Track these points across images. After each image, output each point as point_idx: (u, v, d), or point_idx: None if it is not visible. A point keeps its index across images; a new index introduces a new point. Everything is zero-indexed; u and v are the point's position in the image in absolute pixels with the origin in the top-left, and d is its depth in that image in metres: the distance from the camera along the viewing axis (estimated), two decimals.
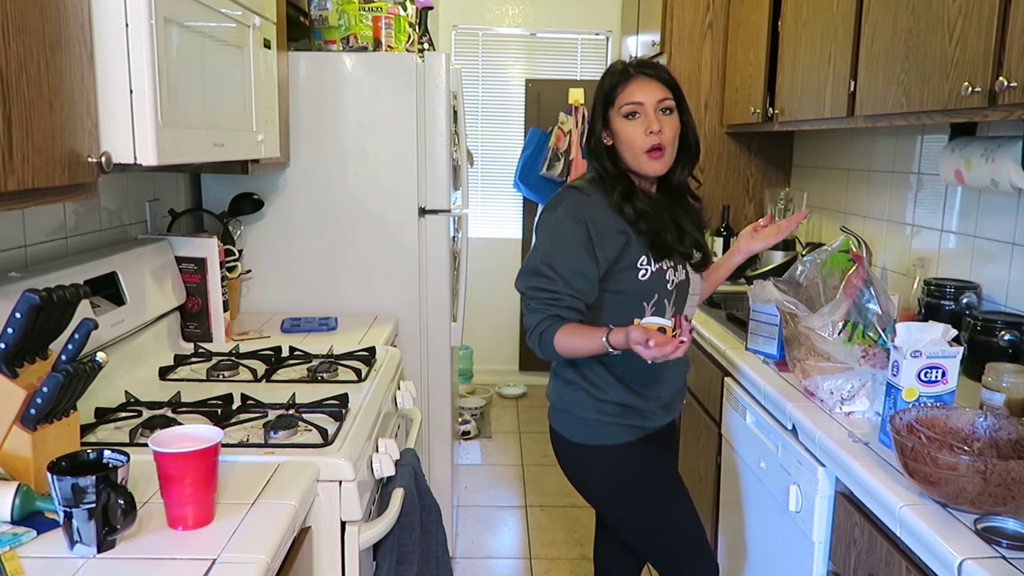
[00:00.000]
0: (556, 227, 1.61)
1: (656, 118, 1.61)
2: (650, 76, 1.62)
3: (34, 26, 1.09)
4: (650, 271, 1.64)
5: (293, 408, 1.59)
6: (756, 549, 1.92)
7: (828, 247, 1.80)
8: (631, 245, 1.62)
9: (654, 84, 1.62)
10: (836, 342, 1.62)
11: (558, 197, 1.66)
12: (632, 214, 1.62)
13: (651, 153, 1.61)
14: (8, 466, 1.15)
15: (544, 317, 1.58)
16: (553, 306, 1.58)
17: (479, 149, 4.65)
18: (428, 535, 1.71)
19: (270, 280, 2.55)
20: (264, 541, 1.10)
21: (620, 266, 1.62)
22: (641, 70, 1.63)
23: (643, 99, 1.61)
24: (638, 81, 1.62)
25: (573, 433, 1.72)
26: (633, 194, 1.64)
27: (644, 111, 1.61)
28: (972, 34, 1.56)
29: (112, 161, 1.27)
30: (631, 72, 1.63)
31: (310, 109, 2.45)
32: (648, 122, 1.60)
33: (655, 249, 1.63)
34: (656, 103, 1.61)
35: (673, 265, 1.68)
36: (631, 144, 1.62)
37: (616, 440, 1.69)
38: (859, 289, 1.64)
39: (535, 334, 1.60)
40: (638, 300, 1.64)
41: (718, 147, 3.38)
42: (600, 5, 4.59)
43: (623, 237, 1.62)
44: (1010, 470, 1.14)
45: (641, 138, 1.61)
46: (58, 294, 1.17)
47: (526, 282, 1.62)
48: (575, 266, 1.59)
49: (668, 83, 1.63)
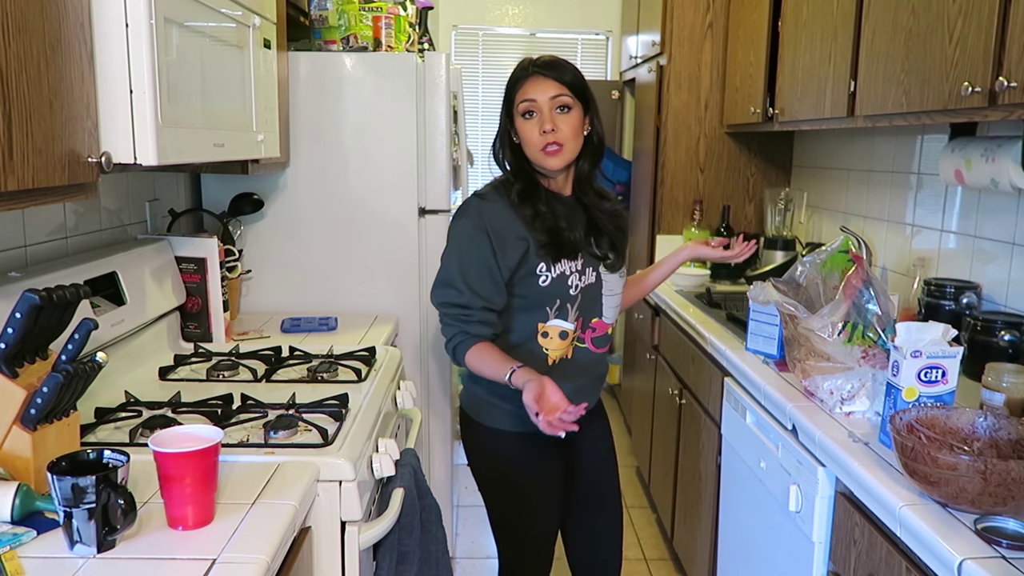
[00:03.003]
0: (461, 238, 1.65)
1: (551, 116, 1.62)
2: (547, 76, 1.63)
3: (34, 26, 1.09)
4: (550, 277, 1.65)
5: (293, 408, 1.59)
6: (756, 549, 1.92)
7: (828, 247, 1.80)
8: (530, 252, 1.64)
9: (549, 82, 1.63)
10: (836, 343, 1.62)
11: (463, 206, 1.68)
12: (529, 214, 1.64)
13: (548, 150, 1.63)
14: (8, 466, 1.15)
15: (457, 332, 1.64)
16: (465, 322, 1.63)
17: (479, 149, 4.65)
18: (428, 535, 1.71)
19: (270, 280, 2.55)
20: (264, 541, 1.10)
21: (521, 273, 1.65)
22: (539, 70, 1.64)
23: (536, 96, 1.63)
24: (534, 80, 1.64)
25: (472, 410, 1.79)
26: (533, 194, 1.66)
27: (539, 108, 1.63)
28: (972, 34, 1.56)
29: (112, 161, 1.27)
30: (530, 71, 1.65)
31: (310, 109, 2.45)
32: (542, 121, 1.62)
33: (552, 249, 1.64)
34: (550, 100, 1.62)
35: (579, 269, 1.69)
36: (528, 141, 1.65)
37: (507, 427, 1.73)
38: (859, 290, 1.64)
39: (449, 347, 1.67)
40: (540, 306, 1.67)
41: (718, 147, 3.38)
42: (600, 5, 4.59)
43: (523, 243, 1.63)
44: (1010, 470, 1.14)
45: (536, 136, 1.63)
46: (58, 294, 1.17)
47: (438, 296, 1.66)
48: (482, 275, 1.62)
49: (566, 82, 1.64)
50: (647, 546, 3.02)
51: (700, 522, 2.39)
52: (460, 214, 1.68)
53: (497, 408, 1.73)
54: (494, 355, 1.61)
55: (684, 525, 2.59)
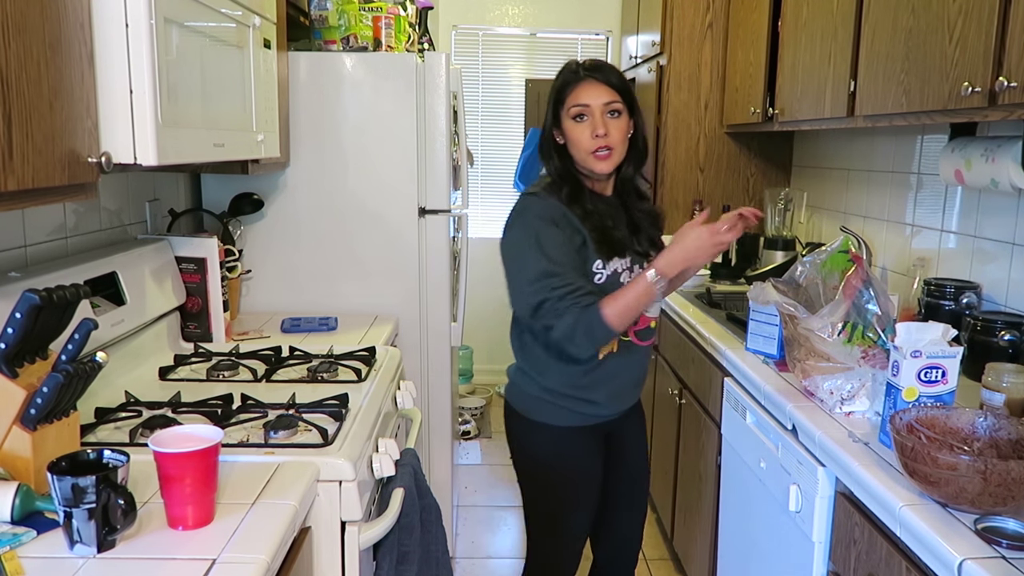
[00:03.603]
0: (535, 232, 1.62)
1: (602, 121, 1.63)
2: (598, 80, 1.64)
3: (34, 26, 1.09)
4: (605, 274, 1.67)
5: (293, 408, 1.59)
6: (756, 549, 1.92)
7: (828, 247, 1.80)
8: (588, 247, 1.65)
9: (602, 87, 1.64)
10: (836, 343, 1.62)
11: (522, 205, 1.67)
12: (579, 213, 1.65)
13: (597, 154, 1.64)
14: (8, 466, 1.15)
15: (579, 312, 1.56)
16: (580, 299, 1.57)
17: (479, 149, 4.65)
18: (428, 535, 1.71)
19: (270, 280, 2.55)
20: (264, 541, 1.10)
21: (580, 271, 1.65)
22: (590, 73, 1.65)
23: (590, 101, 1.64)
24: (587, 84, 1.65)
25: (518, 404, 1.80)
26: (581, 195, 1.68)
27: (591, 113, 1.64)
28: (972, 34, 1.56)
29: (112, 161, 1.27)
30: (580, 74, 1.66)
31: (310, 109, 2.45)
32: (595, 125, 1.63)
33: (604, 248, 1.65)
34: (603, 106, 1.64)
35: (628, 266, 1.71)
36: (578, 145, 1.66)
37: (554, 421, 1.74)
38: (858, 290, 1.64)
39: (578, 333, 1.57)
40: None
41: (718, 147, 3.38)
42: (600, 5, 4.59)
43: (580, 237, 1.65)
44: (1010, 470, 1.14)
45: (588, 140, 1.64)
46: (58, 294, 1.17)
47: (536, 294, 1.59)
48: (569, 258, 1.61)
49: (616, 87, 1.65)
50: (647, 546, 3.01)
51: (700, 522, 2.39)
52: (521, 212, 1.66)
53: (545, 403, 1.74)
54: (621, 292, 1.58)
55: (684, 525, 2.59)
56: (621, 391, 1.78)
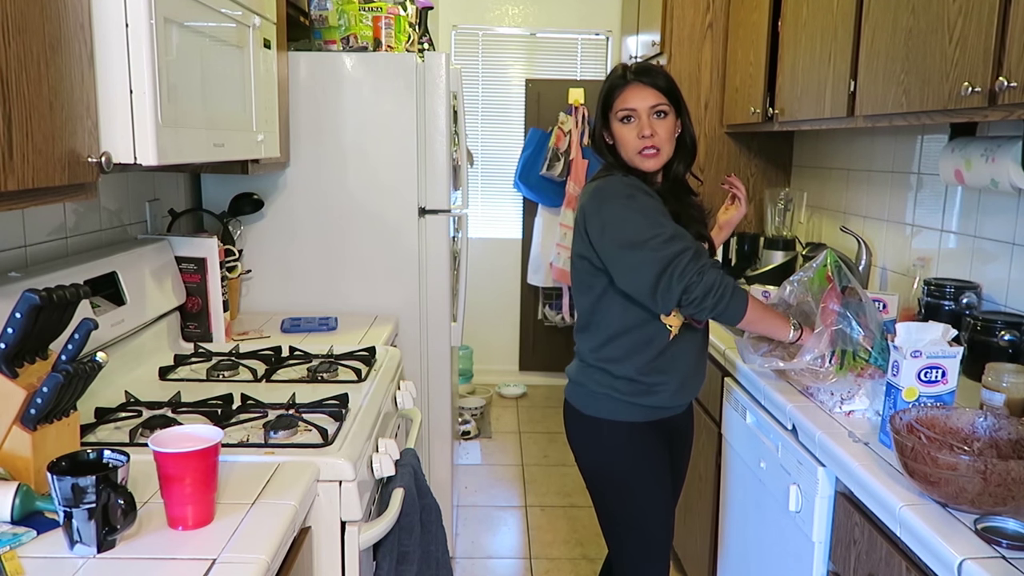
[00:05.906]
0: (633, 203, 1.62)
1: (649, 122, 1.67)
2: (645, 83, 1.68)
3: (34, 26, 1.09)
4: None
5: (293, 408, 1.59)
6: (756, 549, 1.92)
7: (812, 264, 1.80)
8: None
9: (648, 91, 1.67)
10: (829, 372, 1.63)
11: (607, 183, 1.68)
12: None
13: (644, 152, 1.68)
14: (8, 466, 1.15)
15: (717, 275, 1.57)
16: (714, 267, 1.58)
17: (479, 149, 4.65)
18: (428, 535, 1.71)
19: (270, 280, 2.55)
20: (264, 541, 1.10)
21: None
22: (637, 77, 1.68)
23: (636, 105, 1.67)
24: (633, 88, 1.68)
25: (584, 405, 1.77)
26: (645, 182, 1.71)
27: (638, 115, 1.67)
28: (972, 34, 1.56)
29: (112, 161, 1.27)
30: (628, 78, 1.69)
31: (310, 109, 2.45)
32: (641, 126, 1.67)
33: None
34: (649, 109, 1.67)
35: None
36: (626, 145, 1.70)
37: (623, 417, 1.73)
38: (836, 315, 1.65)
39: (718, 292, 1.56)
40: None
41: (718, 147, 3.38)
42: (600, 5, 4.59)
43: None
44: (1010, 470, 1.14)
45: (635, 140, 1.68)
46: (58, 294, 1.17)
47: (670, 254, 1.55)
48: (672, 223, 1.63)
49: (663, 89, 1.68)
50: None
51: (700, 522, 2.39)
52: (614, 186, 1.66)
53: (611, 400, 1.73)
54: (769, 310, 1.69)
55: (684, 525, 2.59)
56: (687, 376, 1.76)
